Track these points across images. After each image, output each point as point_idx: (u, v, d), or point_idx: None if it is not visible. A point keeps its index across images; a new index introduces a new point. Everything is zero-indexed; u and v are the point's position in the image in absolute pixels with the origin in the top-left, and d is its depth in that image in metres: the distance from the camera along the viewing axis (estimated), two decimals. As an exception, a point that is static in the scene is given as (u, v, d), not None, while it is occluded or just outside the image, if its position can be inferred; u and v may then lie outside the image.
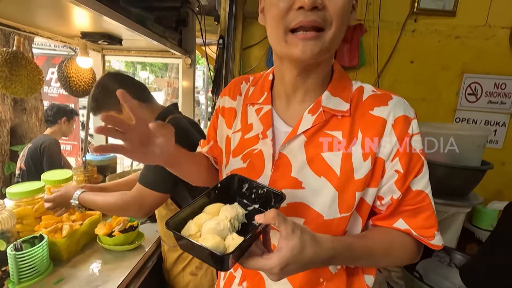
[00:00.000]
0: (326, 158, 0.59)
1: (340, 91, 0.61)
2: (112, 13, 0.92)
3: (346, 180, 0.58)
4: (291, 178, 0.61)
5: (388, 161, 0.58)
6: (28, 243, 1.02)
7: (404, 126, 0.57)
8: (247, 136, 0.68)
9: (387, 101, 0.59)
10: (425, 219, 0.59)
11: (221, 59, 1.80)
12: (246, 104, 0.71)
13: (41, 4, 0.89)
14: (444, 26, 1.82)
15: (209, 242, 0.47)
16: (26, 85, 1.15)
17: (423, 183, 0.59)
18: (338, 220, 0.59)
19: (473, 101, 1.90)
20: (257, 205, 0.60)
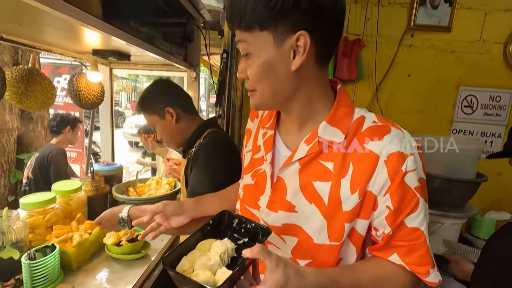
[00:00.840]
0: (317, 186, 0.62)
1: (339, 121, 0.62)
2: (124, 35, 0.98)
3: (334, 210, 0.61)
4: (286, 201, 0.66)
5: (379, 195, 0.59)
6: (40, 252, 1.06)
7: (397, 163, 0.57)
8: (255, 156, 0.75)
9: (383, 136, 0.59)
10: (419, 257, 0.60)
11: (224, 72, 1.86)
12: (259, 127, 0.77)
13: (58, 26, 0.95)
14: (440, 41, 1.89)
15: (200, 277, 0.52)
16: (40, 100, 1.21)
17: (419, 220, 0.59)
18: (328, 247, 0.62)
19: (469, 113, 1.95)
20: (246, 239, 0.65)
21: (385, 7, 1.87)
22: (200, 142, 1.18)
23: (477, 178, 1.34)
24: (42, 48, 1.25)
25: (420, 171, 0.59)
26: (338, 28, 0.58)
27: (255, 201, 0.72)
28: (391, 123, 0.62)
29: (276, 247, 0.69)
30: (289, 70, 0.57)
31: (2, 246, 1.04)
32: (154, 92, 1.25)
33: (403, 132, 0.61)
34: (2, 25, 0.96)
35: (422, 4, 1.83)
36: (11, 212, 1.08)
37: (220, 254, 0.58)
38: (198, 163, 1.12)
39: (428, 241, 0.61)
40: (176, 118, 1.21)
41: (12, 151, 2.78)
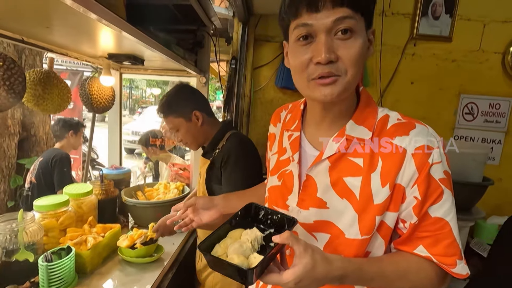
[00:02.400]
0: (348, 182, 0.64)
1: (364, 119, 0.66)
2: (148, 39, 1.00)
3: (366, 204, 0.63)
4: (317, 198, 0.68)
5: (408, 187, 0.61)
6: (56, 254, 1.05)
7: (424, 156, 0.60)
8: (281, 158, 0.77)
9: (408, 131, 0.62)
10: (446, 247, 0.61)
11: (233, 78, 1.90)
12: (283, 130, 0.80)
13: (83, 29, 0.97)
14: (441, 50, 1.96)
15: (235, 261, 0.56)
16: (56, 102, 1.22)
17: (443, 210, 0.61)
18: (359, 241, 0.64)
19: (470, 120, 2.01)
20: (273, 230, 0.68)
21: (388, 17, 1.94)
22: (224, 144, 1.23)
23: (483, 182, 1.38)
24: (58, 51, 1.27)
25: (445, 164, 0.62)
26: None
27: (283, 201, 0.74)
28: (415, 120, 0.65)
29: None
30: (366, 57, 0.62)
31: (17, 249, 1.03)
32: (181, 95, 1.29)
33: (427, 127, 0.64)
34: (29, 29, 0.97)
35: (424, 15, 1.90)
36: (26, 214, 1.07)
37: (251, 241, 0.62)
38: (230, 162, 1.17)
39: (456, 232, 0.61)
40: (202, 121, 1.26)
41: (13, 156, 2.75)
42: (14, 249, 1.03)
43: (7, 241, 1.01)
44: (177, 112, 1.26)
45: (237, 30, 1.91)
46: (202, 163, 1.31)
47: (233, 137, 1.24)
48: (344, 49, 0.57)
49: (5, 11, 0.82)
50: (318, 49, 0.57)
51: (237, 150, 1.19)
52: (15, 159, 2.78)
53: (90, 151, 3.81)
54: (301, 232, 0.71)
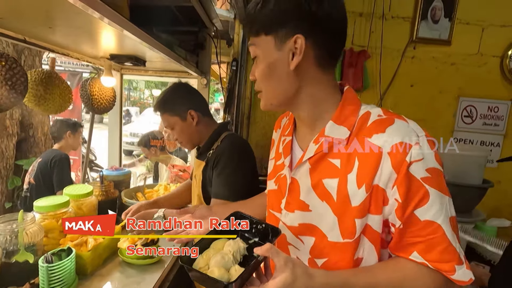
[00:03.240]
0: (326, 184, 0.63)
1: (345, 119, 0.63)
2: (153, 41, 1.00)
3: (343, 206, 0.61)
4: (300, 201, 0.68)
5: (387, 188, 0.58)
6: (56, 256, 1.04)
7: (400, 154, 0.56)
8: (278, 163, 0.78)
9: (385, 128, 0.59)
10: (441, 253, 0.56)
11: (233, 80, 1.90)
12: (281, 136, 0.81)
13: (87, 29, 0.96)
14: (441, 54, 1.97)
15: (215, 273, 0.56)
16: (57, 103, 1.21)
17: (432, 213, 0.56)
18: (342, 245, 0.62)
19: (469, 123, 2.03)
20: (257, 239, 0.68)
21: (388, 20, 1.95)
22: (218, 145, 1.21)
23: (484, 184, 1.39)
24: (60, 52, 1.27)
25: (429, 161, 0.57)
26: (338, 36, 0.63)
27: (278, 204, 0.74)
28: (396, 115, 0.61)
29: (295, 248, 0.71)
30: (288, 70, 0.62)
31: (16, 250, 1.02)
32: (177, 94, 1.27)
33: (407, 122, 0.60)
34: (31, 28, 0.97)
35: (423, 19, 1.92)
36: (26, 215, 1.07)
37: (233, 253, 0.62)
38: (220, 163, 1.16)
39: (451, 236, 0.56)
40: (197, 121, 1.24)
41: (11, 157, 2.73)
42: (14, 250, 1.02)
43: (7, 242, 1.00)
44: (172, 110, 1.25)
45: (238, 32, 1.92)
46: (197, 165, 1.30)
47: (227, 138, 1.23)
48: (256, 69, 0.66)
49: (8, 11, 0.82)
50: None
51: (229, 151, 1.17)
52: (13, 160, 2.76)
53: (88, 153, 3.79)
54: (289, 235, 0.71)
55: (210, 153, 1.23)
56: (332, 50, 0.63)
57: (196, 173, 1.31)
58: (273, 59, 0.62)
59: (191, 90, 1.33)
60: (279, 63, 0.62)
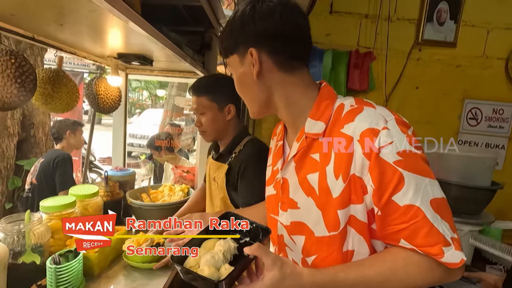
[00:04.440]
0: (309, 179, 0.65)
1: (322, 114, 0.65)
2: (163, 38, 1.00)
3: (325, 198, 0.62)
4: (289, 199, 0.70)
5: (364, 176, 0.58)
6: (63, 257, 1.03)
7: (369, 140, 0.57)
8: (274, 168, 0.79)
9: (354, 117, 0.60)
10: (425, 236, 0.55)
11: (239, 80, 1.89)
12: (276, 142, 0.83)
13: (97, 27, 0.96)
14: (446, 56, 1.97)
15: (205, 272, 0.58)
16: (65, 102, 1.20)
17: (410, 196, 0.55)
18: (328, 239, 0.63)
19: (474, 125, 2.03)
20: (248, 238, 0.70)
21: (394, 22, 1.96)
22: (241, 149, 1.19)
23: (492, 186, 1.38)
24: (68, 50, 1.25)
25: (400, 144, 0.56)
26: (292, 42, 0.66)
27: (276, 208, 0.76)
28: (366, 103, 0.63)
29: (290, 249, 0.73)
30: (253, 79, 0.67)
31: (23, 251, 1.00)
32: (225, 84, 1.20)
33: (375, 108, 0.61)
34: (42, 26, 0.96)
35: (429, 21, 1.92)
36: (33, 215, 1.05)
37: (223, 252, 0.63)
38: (249, 173, 1.13)
39: (433, 217, 0.55)
40: (231, 118, 1.21)
41: (11, 157, 2.71)
42: (21, 251, 1.00)
43: (14, 243, 0.99)
44: (214, 96, 1.19)
45: (244, 33, 1.91)
46: (216, 167, 1.26)
47: (251, 144, 1.21)
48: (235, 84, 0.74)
49: (22, 7, 0.81)
50: None
51: (256, 160, 1.14)
52: (14, 160, 2.74)
53: (88, 154, 3.77)
54: (286, 236, 0.73)
55: (233, 156, 1.20)
56: (291, 54, 0.67)
57: (216, 176, 1.26)
58: (240, 73, 0.70)
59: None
60: (245, 76, 0.68)
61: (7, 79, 0.91)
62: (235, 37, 0.68)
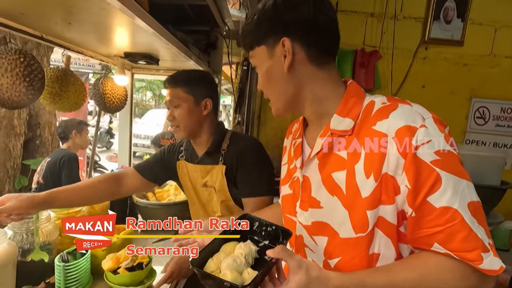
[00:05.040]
0: (335, 177, 0.62)
1: (349, 111, 0.63)
2: (171, 37, 1.00)
3: (353, 198, 0.60)
4: (311, 198, 0.67)
5: (397, 176, 0.55)
6: (70, 255, 1.03)
7: (405, 138, 0.54)
8: (291, 167, 0.77)
9: (388, 113, 0.57)
10: (462, 241, 0.51)
11: (244, 80, 1.89)
12: (292, 140, 0.81)
13: (105, 26, 0.96)
14: (453, 55, 1.96)
15: (228, 277, 0.54)
16: (72, 101, 1.21)
17: (447, 197, 0.52)
18: (354, 240, 0.61)
19: (482, 124, 2.01)
20: (267, 241, 0.67)
21: (400, 21, 1.94)
22: (228, 144, 1.16)
23: (502, 185, 1.36)
24: (75, 50, 1.26)
25: (438, 143, 0.54)
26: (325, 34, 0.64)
27: (293, 208, 0.74)
28: (401, 101, 0.60)
29: (311, 250, 0.70)
30: (283, 72, 0.64)
31: (31, 248, 1.01)
32: (203, 78, 1.17)
33: (411, 105, 0.58)
34: (51, 25, 0.96)
35: (436, 19, 1.91)
36: (41, 213, 1.05)
37: (245, 255, 0.60)
38: (248, 162, 1.11)
39: (471, 221, 0.52)
40: (207, 113, 1.16)
41: (18, 156, 2.73)
42: (29, 249, 1.00)
43: (23, 241, 0.99)
44: (191, 88, 1.12)
45: (249, 32, 1.91)
46: (205, 171, 1.17)
47: (238, 136, 1.19)
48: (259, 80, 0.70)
49: (32, 6, 0.81)
50: None
51: (251, 147, 1.13)
52: (20, 160, 2.76)
53: (94, 153, 3.79)
54: (305, 236, 0.70)
55: (223, 153, 1.15)
56: (323, 47, 0.65)
57: (208, 180, 1.17)
58: (268, 66, 0.66)
59: (214, 82, 1.23)
60: (274, 68, 0.65)
61: (16, 77, 0.91)
62: (266, 26, 0.65)
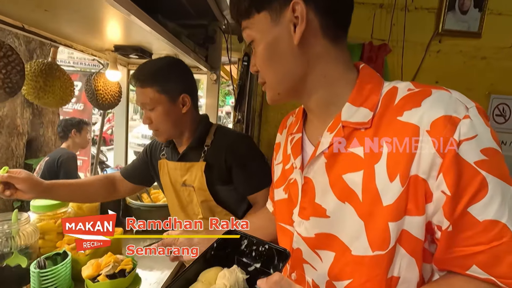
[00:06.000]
0: (348, 180, 0.51)
1: (365, 99, 0.52)
2: (158, 26, 0.92)
3: (372, 206, 0.48)
4: (316, 205, 0.55)
5: (430, 179, 0.45)
6: (50, 260, 0.97)
7: (445, 131, 0.43)
8: (287, 167, 0.66)
9: (420, 101, 0.46)
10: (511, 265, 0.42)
11: (245, 76, 1.80)
12: (288, 136, 0.70)
13: (85, 14, 0.89)
14: (469, 47, 1.81)
15: None
16: (58, 96, 1.14)
17: (494, 209, 0.42)
18: (370, 260, 0.49)
19: (502, 122, 1.85)
20: (259, 264, 0.54)
21: (411, 12, 1.82)
22: (213, 139, 1.06)
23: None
24: (63, 43, 1.20)
25: (485, 139, 0.43)
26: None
27: (289, 215, 0.63)
28: (433, 86, 0.49)
29: (312, 267, 0.58)
30: (292, 45, 0.52)
31: (9, 252, 0.94)
32: (173, 70, 1.03)
33: (450, 92, 0.47)
34: (28, 13, 0.90)
35: (450, 9, 1.77)
36: (20, 215, 0.99)
37: (229, 287, 0.48)
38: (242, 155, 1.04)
39: None
40: (187, 109, 1.04)
41: (21, 156, 2.72)
42: (7, 253, 0.94)
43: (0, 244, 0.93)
44: (162, 86, 0.98)
45: (250, 26, 1.82)
46: (184, 169, 1.06)
47: (224, 131, 1.10)
48: (255, 57, 0.57)
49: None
50: None
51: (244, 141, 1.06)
52: (23, 159, 2.75)
53: (98, 153, 3.78)
54: (305, 250, 0.58)
55: (205, 150, 1.05)
56: (339, 15, 0.53)
57: (187, 179, 1.07)
58: (272, 37, 0.52)
59: (188, 71, 1.08)
60: (280, 41, 0.52)
61: (-10, 70, 0.85)
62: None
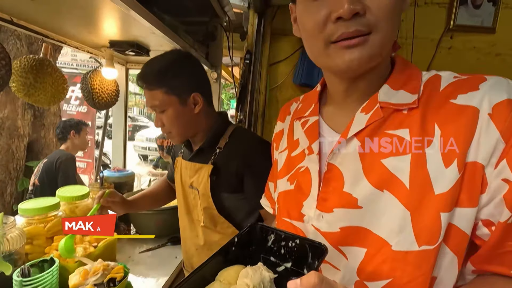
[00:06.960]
0: (389, 165, 0.45)
1: (404, 83, 0.48)
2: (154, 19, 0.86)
3: (421, 194, 0.43)
4: (343, 194, 0.48)
5: (489, 166, 0.41)
6: (36, 267, 0.90)
7: (510, 114, 0.40)
8: (294, 154, 0.59)
9: (477, 85, 0.44)
10: None
11: (247, 74, 1.74)
12: (293, 120, 0.62)
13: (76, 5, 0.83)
14: (483, 43, 1.73)
15: None
16: (49, 93, 1.09)
17: None
18: (416, 255, 0.43)
19: (518, 122, 1.75)
20: (289, 264, 0.46)
21: (421, 7, 1.74)
22: (227, 142, 0.98)
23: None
24: (56, 38, 1.15)
25: None
26: None
27: (297, 209, 0.55)
28: (480, 74, 0.46)
29: (334, 267, 0.50)
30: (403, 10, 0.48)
31: (-7, 259, 0.88)
32: (182, 68, 0.95)
33: (505, 78, 0.44)
34: (14, 4, 0.85)
35: (462, 4, 1.68)
36: (6, 218, 0.93)
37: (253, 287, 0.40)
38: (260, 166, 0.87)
39: None
40: (200, 109, 0.97)
41: (21, 158, 2.69)
42: (-10, 260, 0.88)
43: (-18, 250, 0.87)
44: (171, 86, 0.92)
45: (252, 23, 1.76)
46: (193, 170, 1.00)
47: (241, 133, 1.00)
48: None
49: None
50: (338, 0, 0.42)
51: (262, 150, 0.92)
52: (24, 161, 2.72)
53: (101, 156, 3.74)
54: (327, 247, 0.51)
55: (217, 153, 0.98)
56: None
57: (194, 181, 1.00)
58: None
59: (198, 65, 1.01)
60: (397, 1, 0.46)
61: (-27, 63, 0.80)
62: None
